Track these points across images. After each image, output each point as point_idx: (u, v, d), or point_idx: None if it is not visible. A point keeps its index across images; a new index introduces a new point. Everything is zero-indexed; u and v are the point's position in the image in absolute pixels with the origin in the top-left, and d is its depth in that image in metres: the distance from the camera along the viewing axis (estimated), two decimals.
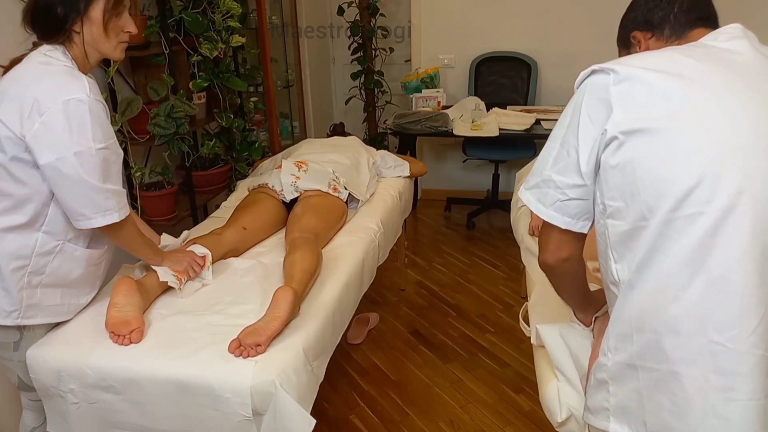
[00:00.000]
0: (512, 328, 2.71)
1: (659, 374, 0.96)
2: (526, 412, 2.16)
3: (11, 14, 2.03)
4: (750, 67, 0.98)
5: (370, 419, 2.15)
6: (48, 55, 1.38)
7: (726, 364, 0.91)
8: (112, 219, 1.41)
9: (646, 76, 0.95)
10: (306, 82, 4.37)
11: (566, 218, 1.05)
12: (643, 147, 0.94)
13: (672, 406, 0.95)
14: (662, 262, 0.94)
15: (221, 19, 2.56)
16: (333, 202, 2.11)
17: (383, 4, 4.06)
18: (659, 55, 1.01)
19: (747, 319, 0.91)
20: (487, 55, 3.96)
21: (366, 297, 2.17)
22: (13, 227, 1.38)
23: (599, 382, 1.06)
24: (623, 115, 0.95)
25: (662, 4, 1.13)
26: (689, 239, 0.91)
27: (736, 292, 0.91)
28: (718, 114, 0.93)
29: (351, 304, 1.84)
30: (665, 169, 0.92)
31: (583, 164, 1.00)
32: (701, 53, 1.00)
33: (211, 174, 2.79)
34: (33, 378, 1.46)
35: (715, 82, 0.95)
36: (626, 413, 1.01)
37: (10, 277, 1.40)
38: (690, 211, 0.91)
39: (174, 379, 1.36)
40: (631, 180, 0.95)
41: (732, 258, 0.90)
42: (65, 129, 1.30)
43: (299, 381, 1.39)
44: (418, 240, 3.75)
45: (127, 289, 1.51)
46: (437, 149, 4.32)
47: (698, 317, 0.92)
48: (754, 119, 0.93)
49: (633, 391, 1.00)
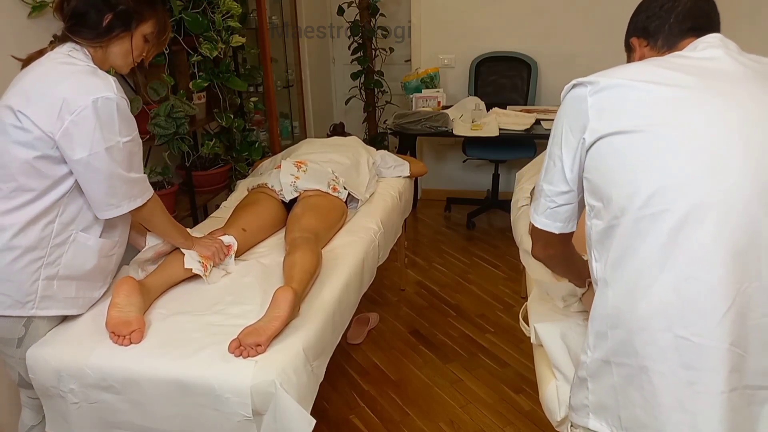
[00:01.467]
0: (512, 328, 2.71)
1: (630, 369, 0.98)
2: (526, 412, 2.16)
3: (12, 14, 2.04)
4: (722, 72, 1.02)
5: (370, 419, 2.15)
6: (71, 56, 1.43)
7: (692, 358, 0.93)
8: (137, 203, 1.50)
9: (621, 86, 1.01)
10: (306, 82, 4.38)
11: (558, 223, 1.15)
12: (617, 148, 0.99)
13: (642, 401, 0.97)
14: (632, 260, 0.97)
15: (221, 19, 2.56)
16: (332, 202, 2.11)
17: (383, 4, 4.06)
18: (636, 67, 1.06)
19: (712, 314, 0.92)
20: (487, 55, 3.96)
21: (366, 297, 2.17)
22: (33, 219, 1.41)
23: (580, 380, 1.08)
24: (598, 122, 1.01)
25: (660, 12, 1.16)
26: (656, 236, 0.94)
27: (701, 288, 0.92)
28: (687, 117, 0.97)
29: (351, 304, 1.84)
30: (636, 169, 0.97)
31: (568, 172, 1.08)
32: (676, 63, 1.05)
33: (211, 174, 2.79)
34: (33, 378, 1.46)
35: (687, 88, 0.99)
36: (604, 410, 1.03)
37: (27, 269, 1.43)
38: (656, 209, 0.94)
39: (174, 379, 1.36)
40: (608, 180, 1.00)
41: (697, 255, 0.92)
42: (96, 126, 1.36)
43: (299, 381, 1.39)
44: (418, 240, 3.75)
45: (128, 290, 1.51)
46: (437, 149, 4.32)
47: (665, 313, 0.94)
48: (723, 122, 0.95)
49: (609, 387, 1.02)
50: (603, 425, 1.03)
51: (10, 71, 2.06)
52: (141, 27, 1.48)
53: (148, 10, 1.48)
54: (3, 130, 1.37)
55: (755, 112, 0.96)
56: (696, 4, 1.15)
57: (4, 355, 1.54)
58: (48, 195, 1.42)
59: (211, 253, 1.74)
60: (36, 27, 2.14)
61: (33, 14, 2.10)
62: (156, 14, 1.50)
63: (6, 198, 1.39)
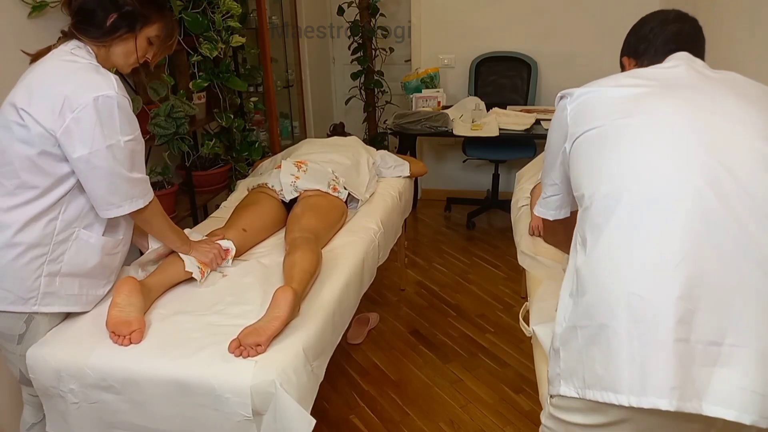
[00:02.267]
0: (512, 328, 2.71)
1: (592, 330, 1.04)
2: (526, 412, 2.16)
3: (12, 14, 2.04)
4: (680, 78, 1.16)
5: (370, 419, 2.15)
6: (74, 53, 1.44)
7: (640, 312, 0.99)
8: (138, 205, 1.50)
9: (592, 92, 1.16)
10: (306, 82, 4.38)
11: (550, 211, 1.35)
12: (588, 142, 1.13)
13: (601, 357, 1.02)
14: (600, 236, 1.06)
15: (221, 19, 2.56)
16: (332, 201, 2.11)
17: (383, 4, 4.06)
18: (609, 78, 1.21)
19: (661, 269, 0.99)
20: (487, 55, 3.96)
21: (366, 297, 2.17)
22: (36, 216, 1.42)
23: (555, 352, 1.14)
24: (574, 127, 1.16)
25: (649, 35, 1.29)
26: (618, 215, 1.04)
27: (654, 250, 1.00)
28: (646, 110, 1.09)
29: (351, 304, 1.84)
30: (601, 157, 1.10)
31: (555, 168, 1.27)
32: (641, 72, 1.20)
33: (211, 174, 2.79)
34: (33, 378, 1.46)
35: (646, 88, 1.13)
36: (572, 374, 1.08)
37: (30, 266, 1.44)
38: (617, 192, 1.05)
39: (174, 379, 1.36)
40: (582, 170, 1.14)
41: (654, 226, 1.01)
42: (96, 124, 1.37)
43: (299, 381, 1.39)
44: (418, 240, 3.75)
45: (129, 290, 1.51)
46: (437, 149, 4.32)
47: (621, 274, 1.02)
48: (677, 113, 1.08)
49: (575, 351, 1.07)
50: (570, 389, 1.08)
51: (10, 71, 2.07)
52: (146, 30, 1.49)
53: (154, 14, 1.48)
54: (7, 127, 1.38)
55: (705, 106, 1.08)
56: (682, 29, 1.27)
57: (5, 351, 1.54)
58: (51, 192, 1.42)
59: (209, 259, 1.74)
60: (36, 27, 2.14)
61: (33, 14, 2.10)
62: (163, 18, 1.50)
63: (9, 195, 1.40)
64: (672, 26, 1.27)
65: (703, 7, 2.90)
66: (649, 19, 1.33)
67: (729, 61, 2.53)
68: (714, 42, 2.74)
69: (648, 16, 1.34)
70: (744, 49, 2.42)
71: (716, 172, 1.01)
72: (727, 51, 2.57)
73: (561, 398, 1.12)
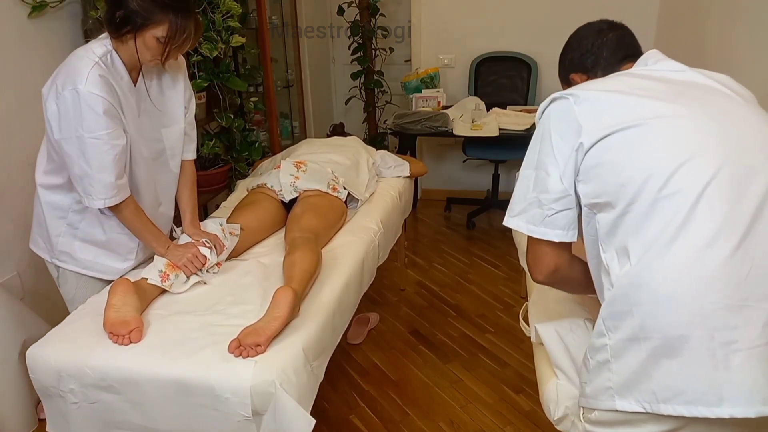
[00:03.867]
0: (512, 328, 2.71)
1: (662, 341, 0.99)
2: (526, 412, 2.16)
3: (12, 14, 2.04)
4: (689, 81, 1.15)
5: (370, 419, 2.15)
6: (91, 45, 1.54)
7: (724, 319, 0.96)
8: (94, 204, 1.57)
9: (603, 96, 1.11)
10: (306, 82, 4.38)
11: (557, 231, 1.14)
12: (618, 144, 1.06)
13: (679, 368, 0.98)
14: (645, 236, 1.02)
15: (221, 19, 2.56)
16: (332, 201, 2.11)
17: (383, 4, 4.06)
18: (611, 80, 1.18)
19: (729, 277, 0.97)
20: (487, 55, 3.96)
21: (366, 297, 2.17)
22: (56, 185, 1.65)
23: (599, 364, 1.08)
24: (593, 126, 1.08)
25: (592, 49, 1.30)
26: (671, 214, 1.00)
27: (717, 254, 0.98)
28: (671, 111, 1.07)
29: (351, 304, 1.84)
30: (642, 157, 1.04)
31: (565, 177, 1.11)
32: (645, 73, 1.18)
33: (211, 174, 2.79)
34: (33, 378, 1.46)
35: (661, 92, 1.11)
36: (631, 387, 1.04)
37: (51, 223, 1.69)
38: (669, 191, 1.01)
39: (174, 379, 1.36)
40: (615, 172, 1.06)
41: (709, 226, 0.98)
42: (66, 113, 1.47)
43: (299, 381, 1.39)
44: (418, 240, 3.75)
45: (124, 290, 1.52)
46: (437, 149, 4.32)
47: (686, 280, 0.99)
48: (704, 115, 1.07)
49: (637, 364, 1.02)
50: (632, 403, 1.03)
51: (10, 71, 2.07)
52: (151, 29, 1.49)
53: (158, 15, 1.48)
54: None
55: (723, 108, 1.10)
56: (621, 36, 1.30)
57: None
58: (64, 170, 1.59)
59: (181, 263, 1.68)
60: (36, 27, 2.14)
61: (33, 14, 2.10)
62: (168, 19, 1.49)
63: (49, 159, 1.62)
64: (610, 34, 1.30)
65: (701, 8, 2.90)
66: (583, 34, 1.34)
67: (725, 60, 2.53)
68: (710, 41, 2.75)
69: (580, 31, 1.36)
70: (741, 49, 2.42)
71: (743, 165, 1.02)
72: (722, 50, 2.57)
73: (603, 413, 1.08)
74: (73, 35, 2.30)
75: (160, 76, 1.72)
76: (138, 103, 1.65)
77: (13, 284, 2.14)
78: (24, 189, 2.09)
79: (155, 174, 1.77)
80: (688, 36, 3.09)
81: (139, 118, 1.65)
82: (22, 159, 2.11)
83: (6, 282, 2.11)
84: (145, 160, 1.70)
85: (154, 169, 1.76)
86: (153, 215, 1.75)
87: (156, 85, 1.71)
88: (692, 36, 3.02)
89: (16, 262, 2.16)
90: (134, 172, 1.66)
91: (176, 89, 1.76)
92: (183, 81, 1.77)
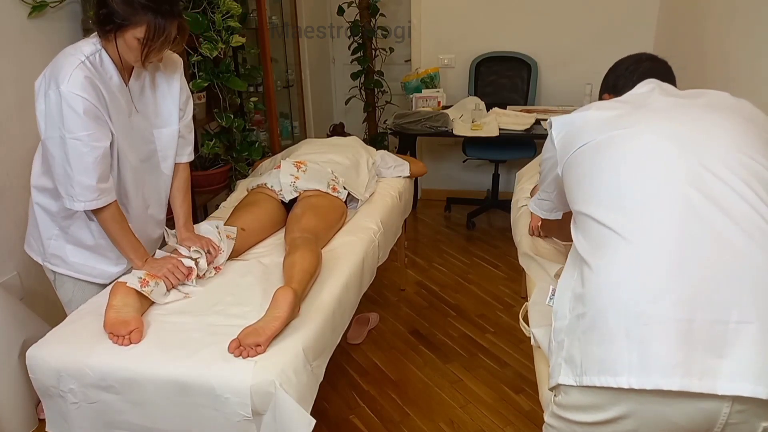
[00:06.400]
0: (512, 328, 2.71)
1: (591, 314, 1.07)
2: (526, 412, 2.16)
3: (12, 14, 2.04)
4: (651, 100, 1.28)
5: (370, 419, 2.15)
6: (80, 44, 1.53)
7: (643, 295, 1.02)
8: (75, 206, 1.55)
9: (573, 119, 1.29)
10: (306, 82, 4.38)
11: (542, 212, 1.57)
12: (576, 162, 1.23)
13: (599, 338, 1.05)
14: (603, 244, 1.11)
15: (221, 19, 2.56)
16: (332, 201, 2.11)
17: (383, 4, 4.06)
18: (589, 106, 1.32)
19: (660, 263, 1.03)
20: (487, 55, 3.96)
21: (366, 297, 2.17)
22: (48, 188, 1.63)
23: (558, 344, 1.15)
24: (563, 153, 1.28)
25: (625, 73, 1.46)
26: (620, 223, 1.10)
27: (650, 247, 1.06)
28: (626, 126, 1.19)
29: (351, 304, 1.84)
30: (592, 171, 1.19)
31: (551, 183, 1.42)
32: (618, 98, 1.35)
33: (211, 174, 2.79)
34: (33, 378, 1.46)
35: (623, 109, 1.25)
36: (571, 362, 1.09)
37: (42, 226, 1.69)
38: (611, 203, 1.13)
39: (174, 379, 1.36)
40: (575, 185, 1.24)
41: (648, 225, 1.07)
42: (51, 112, 1.46)
43: (299, 381, 1.39)
44: (418, 240, 3.75)
45: (125, 291, 1.52)
46: (437, 149, 4.32)
47: (621, 271, 1.06)
48: (656, 129, 1.17)
49: (576, 339, 1.10)
50: (569, 376, 1.08)
51: (10, 71, 2.07)
52: (131, 30, 1.47)
53: (138, 15, 1.45)
54: None
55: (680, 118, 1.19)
56: (653, 66, 1.44)
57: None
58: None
59: (162, 273, 1.62)
60: (36, 27, 2.14)
61: (33, 14, 2.10)
62: (146, 19, 1.46)
63: (45, 160, 1.59)
64: (646, 64, 1.45)
65: (700, 8, 2.90)
66: (624, 60, 1.50)
67: (723, 60, 2.53)
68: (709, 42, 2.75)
69: (623, 59, 1.51)
70: (740, 49, 2.42)
71: (699, 174, 1.08)
72: (721, 50, 2.57)
73: (564, 396, 1.11)
74: (73, 35, 2.30)
75: (154, 77, 1.69)
76: (129, 103, 1.63)
77: (13, 284, 2.14)
78: (24, 189, 2.09)
79: (145, 175, 1.74)
80: (688, 36, 3.09)
81: (130, 118, 1.63)
82: (23, 159, 2.11)
83: (6, 282, 2.11)
84: (134, 160, 1.67)
85: (145, 171, 1.73)
86: (142, 217, 1.74)
87: (149, 86, 1.68)
88: (692, 36, 3.02)
89: (16, 262, 2.16)
90: (122, 173, 1.64)
91: (171, 90, 1.73)
92: (179, 82, 1.74)
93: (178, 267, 1.66)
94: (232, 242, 1.84)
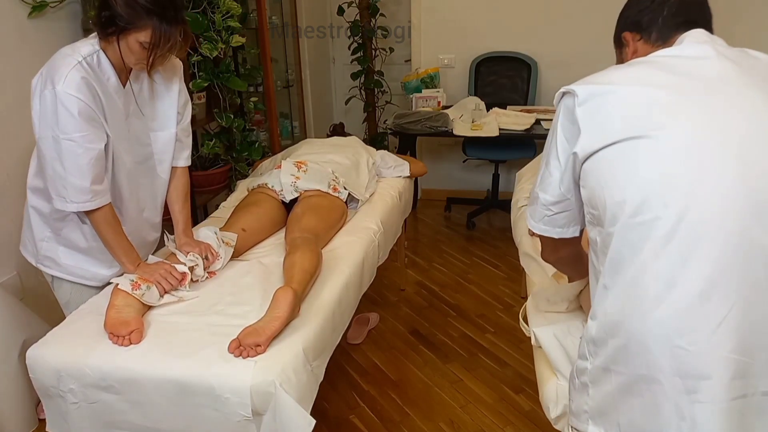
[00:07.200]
0: (512, 328, 2.71)
1: (629, 378, 0.97)
2: (526, 412, 2.16)
3: (12, 14, 2.04)
4: (713, 74, 0.99)
5: (370, 419, 2.15)
6: (78, 44, 1.52)
7: (689, 366, 0.91)
8: (66, 207, 1.53)
9: (606, 93, 0.99)
10: (306, 82, 4.38)
11: (556, 229, 1.14)
12: (609, 159, 0.97)
13: (641, 407, 0.96)
14: (629, 269, 0.95)
15: (221, 19, 2.56)
16: (333, 202, 2.11)
17: (383, 4, 4.06)
18: (624, 70, 1.04)
19: (707, 321, 0.89)
20: (487, 55, 3.96)
21: (366, 297, 2.17)
22: (42, 189, 1.61)
23: (582, 385, 1.07)
24: (588, 137, 0.99)
25: (652, 6, 1.13)
26: (649, 247, 0.92)
27: (695, 298, 0.90)
28: (676, 122, 0.94)
29: (351, 304, 1.84)
30: (625, 176, 0.95)
31: (563, 182, 1.07)
32: (665, 63, 1.02)
33: (211, 174, 2.79)
34: (33, 378, 1.46)
35: (676, 92, 0.97)
36: (602, 416, 1.03)
37: (37, 227, 1.68)
38: (646, 217, 0.92)
39: (174, 379, 1.36)
40: (602, 189, 0.98)
41: (691, 266, 0.90)
42: (45, 112, 1.45)
43: (299, 381, 1.39)
44: (418, 240, 3.75)
45: (126, 292, 1.51)
46: (437, 149, 4.32)
47: (661, 322, 0.92)
48: (715, 128, 0.93)
49: (608, 394, 1.00)
50: (601, 431, 1.03)
51: (10, 71, 2.07)
52: (134, 33, 1.46)
53: (142, 20, 1.44)
54: None
55: (749, 119, 0.93)
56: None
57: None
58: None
59: (154, 278, 1.60)
60: (36, 27, 2.14)
61: (33, 14, 2.10)
62: (152, 24, 1.45)
63: (39, 163, 1.57)
64: None
65: None
66: None
67: None
68: None
69: None
70: None
71: (762, 201, 0.88)
72: None
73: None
74: (73, 35, 2.30)
75: (153, 79, 1.68)
76: (126, 105, 1.62)
77: (13, 284, 2.14)
78: (24, 189, 2.09)
79: (140, 178, 1.72)
80: None
81: (126, 120, 1.62)
82: (22, 159, 2.11)
83: (6, 282, 2.11)
84: (130, 163, 1.66)
85: (140, 173, 1.72)
86: (137, 220, 1.73)
87: (147, 88, 1.67)
88: None
89: (16, 262, 2.16)
90: (117, 175, 1.63)
91: (169, 93, 1.72)
92: (177, 85, 1.73)
93: (171, 272, 1.64)
94: (231, 249, 1.83)
